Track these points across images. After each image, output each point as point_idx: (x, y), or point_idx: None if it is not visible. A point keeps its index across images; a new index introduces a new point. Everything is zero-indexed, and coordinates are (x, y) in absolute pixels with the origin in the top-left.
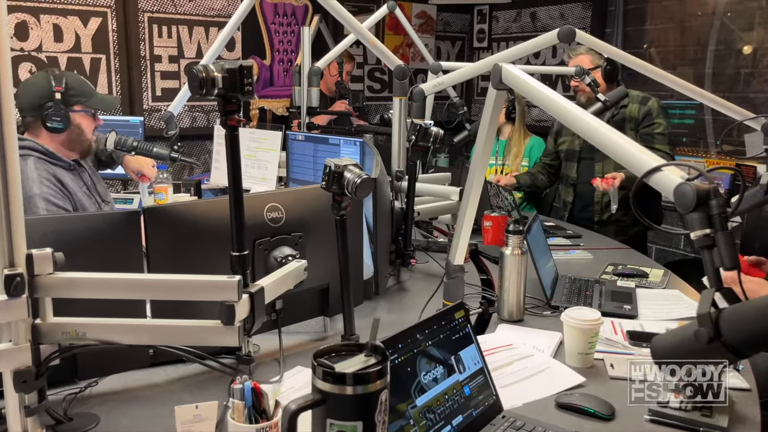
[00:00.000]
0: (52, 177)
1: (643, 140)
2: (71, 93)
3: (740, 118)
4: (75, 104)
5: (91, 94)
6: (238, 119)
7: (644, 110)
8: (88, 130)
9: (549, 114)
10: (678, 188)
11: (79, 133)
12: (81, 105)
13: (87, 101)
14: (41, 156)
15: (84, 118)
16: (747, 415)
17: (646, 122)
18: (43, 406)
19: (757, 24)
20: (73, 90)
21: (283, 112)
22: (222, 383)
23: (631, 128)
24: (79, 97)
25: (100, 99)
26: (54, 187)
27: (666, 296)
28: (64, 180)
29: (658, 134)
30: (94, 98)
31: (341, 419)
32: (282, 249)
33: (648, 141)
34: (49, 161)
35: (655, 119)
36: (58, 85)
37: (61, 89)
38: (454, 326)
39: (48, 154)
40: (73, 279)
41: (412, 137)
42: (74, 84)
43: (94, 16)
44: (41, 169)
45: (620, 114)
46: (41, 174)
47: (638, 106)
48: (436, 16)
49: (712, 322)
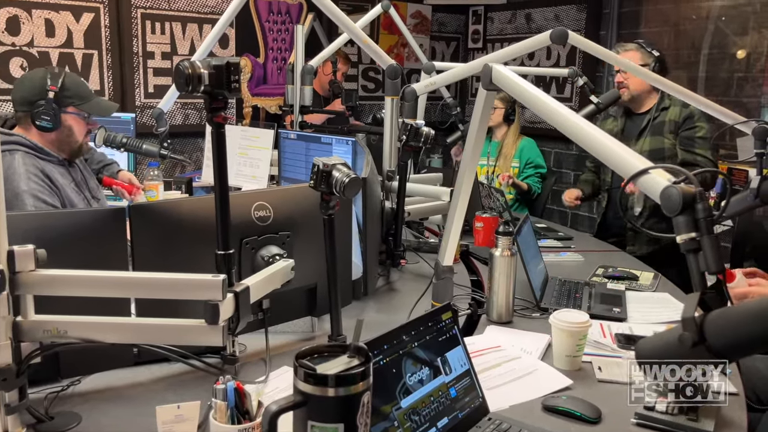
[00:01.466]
0: (39, 172)
1: (682, 144)
2: (66, 94)
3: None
4: (68, 105)
5: (87, 98)
6: (224, 116)
7: (686, 113)
8: (79, 132)
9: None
10: (664, 191)
11: (68, 135)
12: (75, 107)
13: (81, 104)
14: (29, 150)
15: (75, 121)
16: (733, 419)
17: (686, 125)
18: (23, 405)
19: (751, 28)
20: (69, 91)
21: (276, 111)
22: (207, 383)
23: (670, 131)
24: (73, 99)
25: (96, 104)
26: (42, 182)
27: (656, 299)
28: (53, 175)
29: (699, 138)
30: (89, 102)
31: (322, 421)
32: (269, 248)
33: (688, 145)
34: (38, 156)
35: (696, 122)
36: (53, 85)
37: (55, 89)
38: (441, 328)
39: (36, 149)
40: (54, 276)
41: (403, 137)
42: (71, 85)
43: (87, 11)
44: (29, 164)
45: (660, 116)
46: (29, 169)
47: (680, 108)
48: (431, 16)
49: (696, 326)
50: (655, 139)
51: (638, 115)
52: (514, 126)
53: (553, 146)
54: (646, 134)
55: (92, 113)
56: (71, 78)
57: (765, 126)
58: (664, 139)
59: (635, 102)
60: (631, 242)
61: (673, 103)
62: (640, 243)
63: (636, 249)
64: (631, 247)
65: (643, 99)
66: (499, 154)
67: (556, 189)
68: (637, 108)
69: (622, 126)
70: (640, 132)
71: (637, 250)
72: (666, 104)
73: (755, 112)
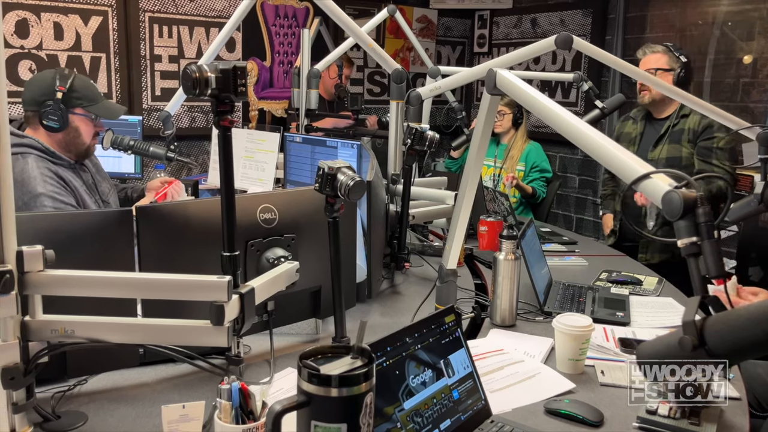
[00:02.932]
0: (54, 174)
1: (700, 154)
2: (74, 95)
3: (735, 127)
4: (76, 107)
5: (95, 100)
6: (231, 120)
7: (705, 122)
8: (86, 134)
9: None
10: (666, 196)
11: (75, 136)
12: (82, 108)
13: (89, 106)
14: (41, 154)
15: (83, 122)
16: (735, 424)
17: (705, 135)
18: (31, 404)
19: (758, 33)
20: (77, 92)
21: (283, 114)
22: (212, 384)
23: (688, 140)
24: (81, 101)
25: (105, 106)
26: (57, 184)
27: (659, 304)
28: (66, 177)
29: (718, 149)
30: (98, 104)
31: (325, 421)
32: (274, 250)
33: (705, 155)
34: (50, 159)
35: (715, 133)
36: (61, 85)
37: (63, 89)
38: (444, 330)
39: (48, 152)
40: (63, 276)
41: (408, 141)
42: (79, 87)
43: (95, 14)
44: (42, 168)
45: (679, 124)
46: (43, 172)
47: (699, 117)
48: (437, 20)
49: (696, 329)
50: (673, 147)
51: (658, 120)
52: (521, 129)
53: (558, 151)
54: (664, 141)
55: (100, 115)
56: (80, 80)
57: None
58: (682, 147)
59: (656, 106)
60: (644, 250)
61: (693, 111)
62: (652, 251)
63: (648, 257)
64: (643, 255)
65: (666, 104)
66: (505, 156)
67: (560, 193)
68: (659, 113)
69: (642, 130)
70: (659, 138)
71: (649, 258)
72: (686, 111)
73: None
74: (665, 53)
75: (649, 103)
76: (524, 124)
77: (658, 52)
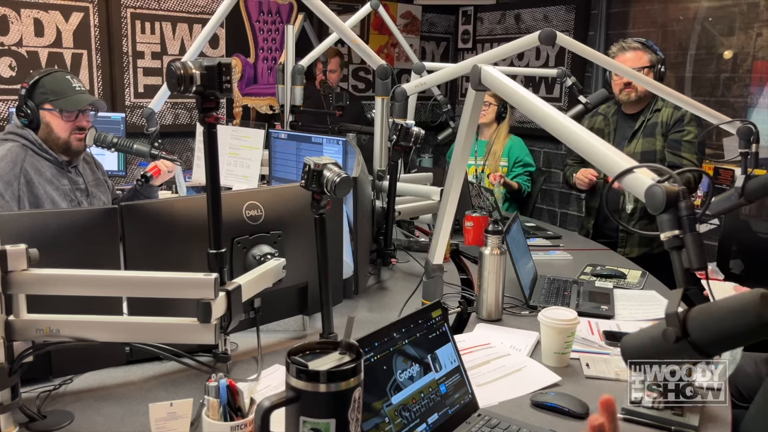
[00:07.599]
0: (20, 163)
1: (669, 147)
2: (40, 91)
3: (716, 121)
4: (43, 102)
5: (62, 94)
6: (216, 117)
7: (677, 116)
8: (59, 129)
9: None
10: (648, 190)
11: (49, 131)
12: (50, 103)
13: (55, 100)
14: (27, 143)
15: (53, 117)
16: (718, 414)
17: (676, 128)
18: (16, 404)
19: (738, 29)
20: (43, 88)
21: (267, 111)
22: (199, 381)
23: (661, 133)
24: (47, 95)
25: (69, 99)
26: (8, 173)
27: (643, 297)
28: (39, 171)
29: (686, 142)
30: (63, 98)
31: (314, 416)
32: (261, 247)
33: (675, 148)
34: (36, 152)
35: (685, 126)
36: (24, 82)
37: (26, 86)
38: (431, 325)
39: (36, 144)
40: (47, 275)
41: (393, 137)
42: (48, 83)
43: (76, 11)
44: (14, 154)
45: (653, 118)
46: (8, 156)
47: (671, 110)
48: (421, 16)
49: (679, 321)
50: (647, 141)
51: (631, 116)
52: (503, 124)
53: (543, 146)
54: (639, 135)
55: (63, 108)
56: (52, 76)
57: (749, 126)
58: (656, 141)
59: (634, 103)
60: (623, 244)
61: (665, 105)
62: (631, 245)
63: (627, 251)
64: (622, 249)
65: (643, 100)
66: (487, 152)
67: (545, 188)
68: (632, 109)
69: (615, 126)
70: (634, 133)
71: (628, 252)
72: (659, 106)
73: (742, 112)
74: (645, 51)
75: (636, 101)
76: (507, 119)
77: (637, 49)
